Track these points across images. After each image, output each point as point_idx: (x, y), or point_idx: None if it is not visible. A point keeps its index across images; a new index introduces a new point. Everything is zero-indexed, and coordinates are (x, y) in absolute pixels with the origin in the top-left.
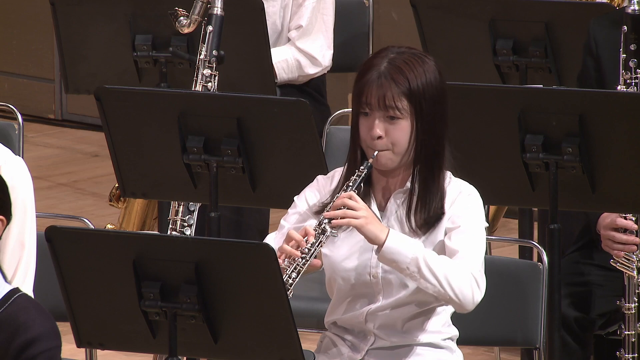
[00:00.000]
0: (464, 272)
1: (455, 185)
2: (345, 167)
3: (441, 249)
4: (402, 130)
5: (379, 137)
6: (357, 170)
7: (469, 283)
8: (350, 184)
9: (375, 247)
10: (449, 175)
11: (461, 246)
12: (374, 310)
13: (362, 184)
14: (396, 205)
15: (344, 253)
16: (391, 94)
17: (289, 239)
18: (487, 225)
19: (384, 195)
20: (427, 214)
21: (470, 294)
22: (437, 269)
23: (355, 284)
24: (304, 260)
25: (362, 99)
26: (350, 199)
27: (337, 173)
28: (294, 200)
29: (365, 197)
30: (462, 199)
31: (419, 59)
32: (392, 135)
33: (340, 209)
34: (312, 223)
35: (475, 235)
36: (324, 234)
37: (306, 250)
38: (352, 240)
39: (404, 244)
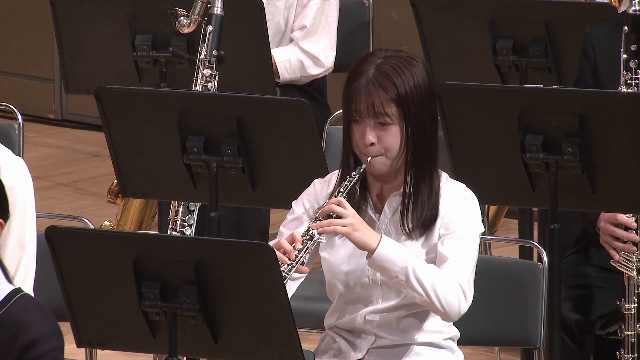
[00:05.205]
0: (452, 283)
1: (451, 187)
2: (340, 172)
3: (436, 253)
4: (394, 136)
5: (372, 144)
6: (348, 177)
7: (455, 293)
8: (342, 189)
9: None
10: (444, 176)
11: (452, 253)
12: (373, 311)
13: (357, 189)
14: (392, 209)
15: (342, 256)
16: (380, 101)
17: (278, 246)
18: (483, 230)
19: (380, 198)
20: (421, 216)
21: (456, 305)
22: (425, 279)
23: (354, 287)
24: (289, 267)
25: (351, 106)
26: (339, 205)
27: (334, 176)
28: (292, 206)
29: (362, 201)
30: (457, 203)
31: (406, 62)
32: (384, 141)
33: (329, 214)
34: (301, 229)
35: (467, 242)
36: (311, 240)
37: (293, 256)
38: (350, 243)
39: (394, 252)
